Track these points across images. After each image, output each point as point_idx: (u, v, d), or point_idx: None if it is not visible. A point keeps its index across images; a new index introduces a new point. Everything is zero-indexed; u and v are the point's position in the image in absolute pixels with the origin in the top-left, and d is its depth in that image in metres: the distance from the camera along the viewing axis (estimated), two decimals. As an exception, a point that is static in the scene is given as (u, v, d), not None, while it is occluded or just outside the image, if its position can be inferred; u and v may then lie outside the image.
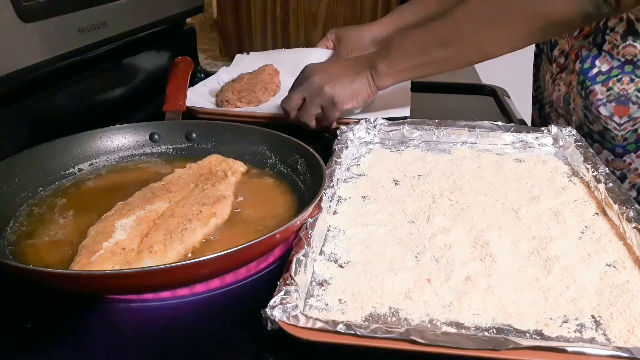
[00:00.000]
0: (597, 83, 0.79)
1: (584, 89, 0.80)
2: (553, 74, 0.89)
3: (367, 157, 0.73)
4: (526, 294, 0.46)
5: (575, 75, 0.81)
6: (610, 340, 0.41)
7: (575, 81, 0.80)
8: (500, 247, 0.52)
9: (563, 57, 0.86)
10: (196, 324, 0.46)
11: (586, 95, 0.80)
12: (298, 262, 0.46)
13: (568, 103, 0.82)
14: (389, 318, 0.43)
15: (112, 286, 0.45)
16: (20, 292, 0.48)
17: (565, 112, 0.85)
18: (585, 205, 0.60)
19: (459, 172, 0.67)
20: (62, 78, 0.75)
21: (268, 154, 0.68)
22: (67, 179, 0.64)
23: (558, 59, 0.87)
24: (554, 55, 0.89)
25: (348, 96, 0.79)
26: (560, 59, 0.87)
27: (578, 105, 0.79)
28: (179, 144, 0.72)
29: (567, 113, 0.83)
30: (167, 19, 0.96)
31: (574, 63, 0.81)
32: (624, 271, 0.49)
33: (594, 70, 0.79)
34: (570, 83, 0.81)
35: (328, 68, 0.82)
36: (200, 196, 0.57)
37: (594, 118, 0.80)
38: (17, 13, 0.60)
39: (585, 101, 0.81)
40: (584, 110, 0.80)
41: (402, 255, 0.51)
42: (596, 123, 0.80)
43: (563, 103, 0.84)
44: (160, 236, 0.50)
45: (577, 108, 0.79)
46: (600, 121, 0.80)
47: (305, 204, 0.54)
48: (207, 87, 0.98)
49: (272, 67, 1.02)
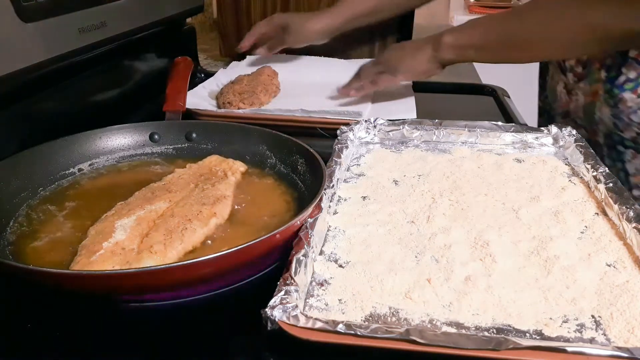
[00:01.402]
0: (625, 91, 0.77)
1: (612, 97, 0.78)
2: (567, 85, 0.88)
3: (367, 157, 0.73)
4: (526, 294, 0.46)
5: (601, 84, 0.79)
6: (610, 340, 0.41)
7: (602, 90, 0.79)
8: (500, 247, 0.52)
9: (580, 66, 0.84)
10: (196, 324, 0.46)
11: (615, 104, 0.78)
12: (298, 262, 0.46)
13: (592, 113, 0.80)
14: (389, 318, 0.43)
15: (112, 286, 0.45)
16: (20, 292, 0.48)
17: (587, 122, 0.82)
18: (585, 205, 0.60)
19: (459, 172, 0.67)
20: (62, 78, 0.75)
21: (268, 154, 0.68)
22: (67, 179, 0.64)
23: (575, 68, 0.85)
24: (568, 65, 0.87)
25: (405, 67, 0.85)
26: (577, 68, 0.85)
27: (605, 114, 0.78)
28: (179, 144, 0.72)
29: (591, 123, 0.81)
30: (167, 19, 0.96)
31: (598, 72, 0.80)
32: (624, 271, 0.49)
33: (622, 78, 0.78)
34: (595, 92, 0.79)
35: (401, 45, 0.89)
36: (200, 196, 0.58)
37: (625, 126, 0.79)
38: (17, 13, 0.60)
39: (614, 110, 0.79)
40: (613, 119, 0.79)
41: (402, 255, 0.51)
42: (628, 130, 0.79)
43: (584, 113, 0.83)
44: (160, 236, 0.50)
45: (604, 117, 0.78)
46: (632, 128, 0.78)
47: (305, 204, 0.54)
48: (206, 90, 0.98)
49: (270, 68, 1.02)
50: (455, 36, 0.81)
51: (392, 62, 0.86)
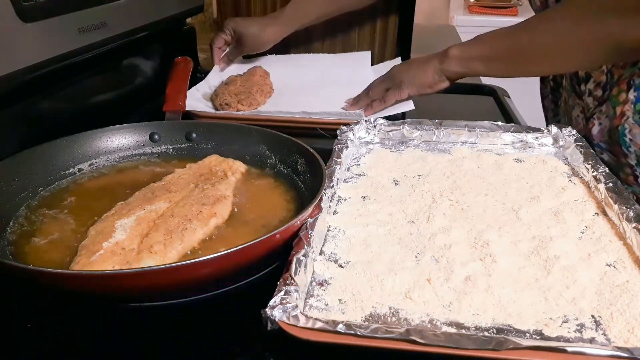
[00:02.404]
0: None
1: None
2: (586, 110, 0.85)
3: (367, 157, 0.73)
4: (526, 294, 0.46)
5: (630, 105, 0.77)
6: (610, 340, 0.41)
7: (631, 111, 0.77)
8: (500, 247, 0.52)
9: (600, 89, 0.82)
10: (196, 324, 0.46)
11: None
12: (298, 262, 0.46)
13: (622, 134, 0.78)
14: (389, 318, 0.43)
15: (112, 286, 0.45)
16: (20, 292, 0.48)
17: (613, 145, 0.80)
18: (585, 205, 0.60)
19: (459, 172, 0.67)
20: (62, 78, 0.75)
21: (268, 154, 0.68)
22: (67, 179, 0.64)
23: (594, 92, 0.83)
24: (586, 89, 0.85)
25: (411, 80, 0.85)
26: (597, 92, 0.83)
27: (636, 135, 0.76)
28: (179, 144, 0.72)
29: (619, 145, 0.79)
30: (167, 19, 0.96)
31: (626, 93, 0.77)
32: (624, 271, 0.49)
33: None
34: (622, 114, 0.77)
35: (409, 60, 0.91)
36: (200, 196, 0.58)
37: None
38: (17, 13, 0.60)
39: None
40: None
41: (402, 255, 0.51)
42: None
43: (609, 137, 0.81)
44: (160, 236, 0.50)
45: (635, 138, 0.76)
46: None
47: (305, 204, 0.54)
48: (199, 92, 0.97)
49: (261, 68, 1.02)
50: (462, 48, 0.81)
51: (398, 76, 0.86)
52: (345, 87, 0.97)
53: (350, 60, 1.15)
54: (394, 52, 1.22)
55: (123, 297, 0.47)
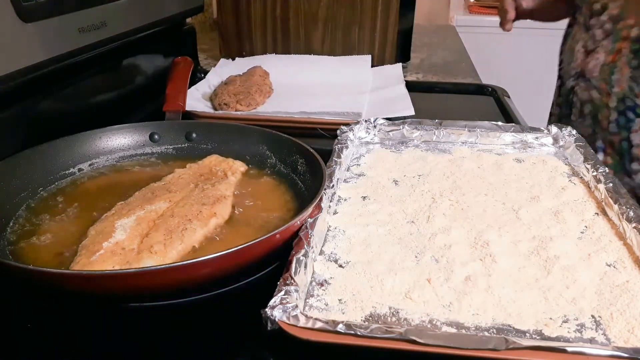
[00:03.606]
0: None
1: (637, 58, 0.76)
2: (587, 44, 0.86)
3: (367, 157, 0.73)
4: (526, 294, 0.46)
5: (629, 42, 0.76)
6: (610, 340, 0.41)
7: (627, 49, 0.76)
8: (500, 247, 0.52)
9: (611, 22, 0.81)
10: (196, 324, 0.46)
11: (637, 65, 0.76)
12: (298, 262, 0.46)
13: (610, 73, 0.77)
14: (389, 318, 0.43)
15: (112, 286, 0.45)
16: (20, 292, 0.48)
17: (602, 83, 0.80)
18: (585, 205, 0.60)
19: (459, 172, 0.67)
20: (62, 78, 0.75)
21: (268, 154, 0.68)
22: (67, 179, 0.64)
23: (605, 25, 0.82)
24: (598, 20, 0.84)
25: None
26: (607, 25, 0.82)
27: (624, 76, 0.76)
28: (179, 144, 0.72)
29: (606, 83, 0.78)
30: (167, 19, 0.96)
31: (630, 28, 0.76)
32: (624, 271, 0.49)
33: None
34: (619, 50, 0.77)
35: None
36: (200, 196, 0.58)
37: None
38: (17, 13, 0.60)
39: (635, 72, 0.76)
40: (630, 81, 0.77)
41: (402, 255, 0.51)
42: None
43: (600, 73, 0.80)
44: (161, 236, 0.50)
45: (622, 78, 0.76)
46: None
47: (305, 204, 0.54)
48: (199, 92, 0.97)
49: (261, 68, 1.02)
50: None
51: None
52: (344, 88, 0.97)
53: (351, 62, 1.16)
54: (394, 52, 1.22)
55: (123, 297, 0.47)
